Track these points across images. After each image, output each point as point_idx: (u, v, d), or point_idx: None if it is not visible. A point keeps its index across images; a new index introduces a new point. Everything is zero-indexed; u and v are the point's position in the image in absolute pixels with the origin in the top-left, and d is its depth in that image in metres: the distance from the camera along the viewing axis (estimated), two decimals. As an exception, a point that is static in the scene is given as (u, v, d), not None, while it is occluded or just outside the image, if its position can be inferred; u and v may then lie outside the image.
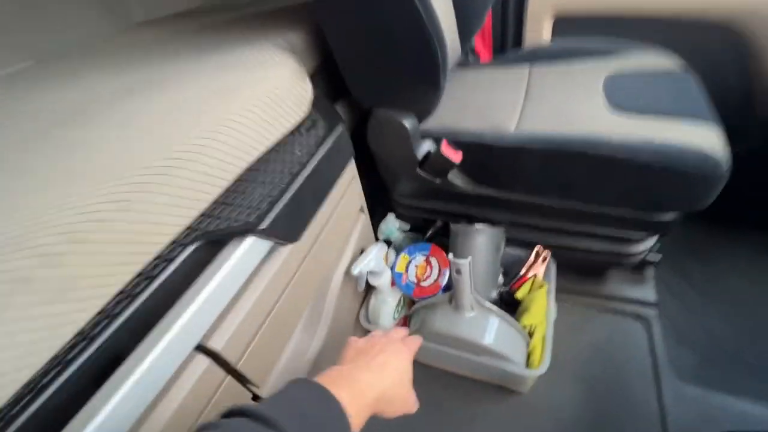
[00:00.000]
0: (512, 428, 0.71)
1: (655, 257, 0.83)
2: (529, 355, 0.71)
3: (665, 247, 0.91)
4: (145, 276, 0.37)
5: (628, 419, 0.67)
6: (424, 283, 0.80)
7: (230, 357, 0.43)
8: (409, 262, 0.82)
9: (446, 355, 0.72)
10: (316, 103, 0.60)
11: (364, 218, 0.78)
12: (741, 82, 0.94)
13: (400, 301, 0.83)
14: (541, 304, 0.75)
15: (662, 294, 0.86)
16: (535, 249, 0.83)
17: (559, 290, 0.86)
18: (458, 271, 0.63)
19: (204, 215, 0.42)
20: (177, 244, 0.40)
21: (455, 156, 0.73)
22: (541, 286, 0.78)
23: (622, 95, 0.71)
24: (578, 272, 0.89)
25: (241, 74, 0.51)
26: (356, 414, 0.31)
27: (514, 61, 0.90)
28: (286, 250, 0.50)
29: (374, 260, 0.77)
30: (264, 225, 0.42)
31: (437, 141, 0.75)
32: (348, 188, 0.67)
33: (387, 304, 0.80)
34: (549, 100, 0.75)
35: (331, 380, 0.32)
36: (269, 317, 0.49)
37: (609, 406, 0.70)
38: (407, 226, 0.97)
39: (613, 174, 0.62)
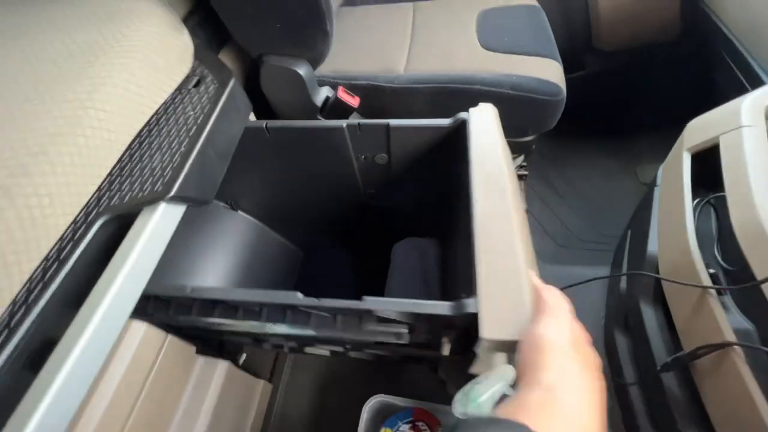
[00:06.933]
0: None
1: (525, 171, 1.02)
2: None
3: (532, 164, 1.11)
4: (52, 261, 0.35)
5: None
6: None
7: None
8: None
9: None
10: (199, 56, 0.56)
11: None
12: (583, 17, 1.11)
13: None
14: None
15: (531, 199, 1.07)
16: None
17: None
18: None
19: (103, 190, 0.40)
20: (79, 224, 0.38)
21: (353, 101, 0.77)
22: None
23: (491, 34, 0.82)
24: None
25: (101, 28, 0.45)
26: None
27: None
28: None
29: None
30: (173, 192, 0.42)
31: (334, 87, 0.77)
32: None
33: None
34: (432, 40, 0.83)
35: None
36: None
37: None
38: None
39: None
